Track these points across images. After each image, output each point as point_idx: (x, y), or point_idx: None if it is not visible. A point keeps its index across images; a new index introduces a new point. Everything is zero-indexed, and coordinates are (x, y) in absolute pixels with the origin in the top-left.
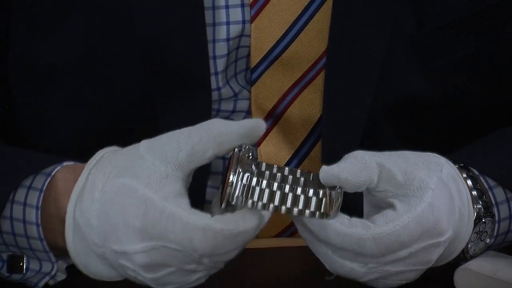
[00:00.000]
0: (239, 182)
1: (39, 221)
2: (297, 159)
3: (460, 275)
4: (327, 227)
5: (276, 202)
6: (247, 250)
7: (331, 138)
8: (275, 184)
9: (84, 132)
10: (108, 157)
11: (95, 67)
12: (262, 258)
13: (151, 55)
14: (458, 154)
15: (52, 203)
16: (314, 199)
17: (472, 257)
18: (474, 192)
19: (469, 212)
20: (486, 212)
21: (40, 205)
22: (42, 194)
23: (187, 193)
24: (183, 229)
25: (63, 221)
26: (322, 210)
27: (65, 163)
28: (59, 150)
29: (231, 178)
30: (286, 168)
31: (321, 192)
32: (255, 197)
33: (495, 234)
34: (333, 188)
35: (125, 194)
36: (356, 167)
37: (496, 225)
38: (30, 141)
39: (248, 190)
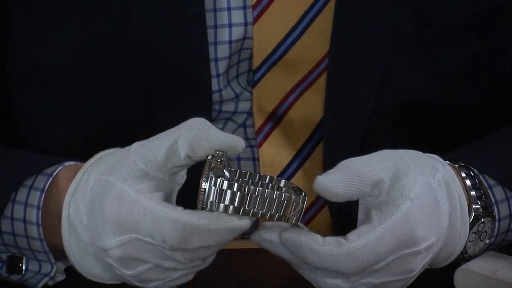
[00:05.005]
0: (212, 188)
1: (40, 221)
2: (299, 160)
3: (460, 276)
4: (302, 247)
5: (236, 204)
6: (242, 250)
7: (333, 139)
8: (235, 185)
9: (83, 136)
10: (104, 157)
11: (93, 70)
12: (256, 257)
13: (151, 57)
14: (458, 153)
15: (53, 201)
16: (275, 202)
17: (471, 257)
18: (473, 192)
19: (463, 217)
20: (485, 212)
21: (41, 205)
22: (44, 194)
23: (174, 193)
24: (153, 221)
25: (61, 219)
26: (281, 213)
27: (66, 163)
28: (57, 153)
29: (203, 185)
30: (258, 174)
31: (283, 195)
32: (227, 201)
33: (495, 233)
34: (298, 193)
35: (106, 190)
36: (349, 180)
37: (496, 224)
38: (28, 144)
39: (220, 194)
